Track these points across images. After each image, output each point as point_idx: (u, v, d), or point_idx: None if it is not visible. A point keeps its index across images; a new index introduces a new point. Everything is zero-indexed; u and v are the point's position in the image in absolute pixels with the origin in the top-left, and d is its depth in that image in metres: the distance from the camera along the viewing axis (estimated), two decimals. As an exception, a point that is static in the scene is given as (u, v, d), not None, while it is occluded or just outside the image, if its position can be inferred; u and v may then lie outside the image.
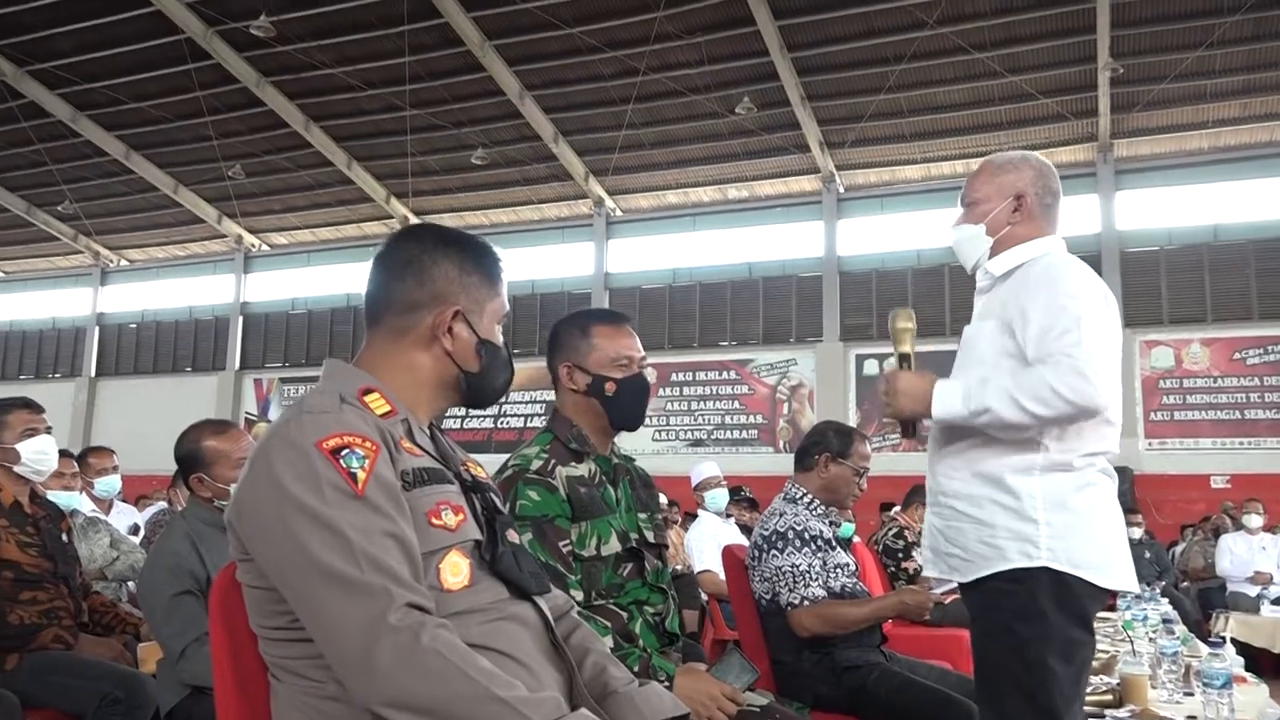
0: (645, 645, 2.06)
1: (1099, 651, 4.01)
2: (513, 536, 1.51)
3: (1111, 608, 4.85)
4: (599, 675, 1.50)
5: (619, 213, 18.17)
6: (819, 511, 3.08)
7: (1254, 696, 2.88)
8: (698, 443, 16.73)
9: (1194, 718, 2.62)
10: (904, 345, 2.22)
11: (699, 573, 6.15)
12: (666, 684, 1.91)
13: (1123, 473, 14.09)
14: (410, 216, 18.50)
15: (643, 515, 2.21)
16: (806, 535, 2.95)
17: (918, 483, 5.95)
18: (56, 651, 2.92)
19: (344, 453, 1.30)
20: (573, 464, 2.13)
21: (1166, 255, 15.03)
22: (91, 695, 2.77)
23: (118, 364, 21.56)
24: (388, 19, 14.42)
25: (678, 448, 16.83)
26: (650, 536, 2.19)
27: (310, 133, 17.03)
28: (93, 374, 21.60)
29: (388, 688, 1.21)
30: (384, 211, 18.75)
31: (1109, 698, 2.81)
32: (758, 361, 16.88)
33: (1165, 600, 5.49)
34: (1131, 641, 3.49)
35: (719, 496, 6.48)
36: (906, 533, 5.54)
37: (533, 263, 18.16)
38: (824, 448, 3.13)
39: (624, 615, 2.07)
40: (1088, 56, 13.74)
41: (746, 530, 6.34)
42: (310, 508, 1.26)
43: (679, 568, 6.35)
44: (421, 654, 1.21)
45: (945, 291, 15.31)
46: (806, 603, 2.85)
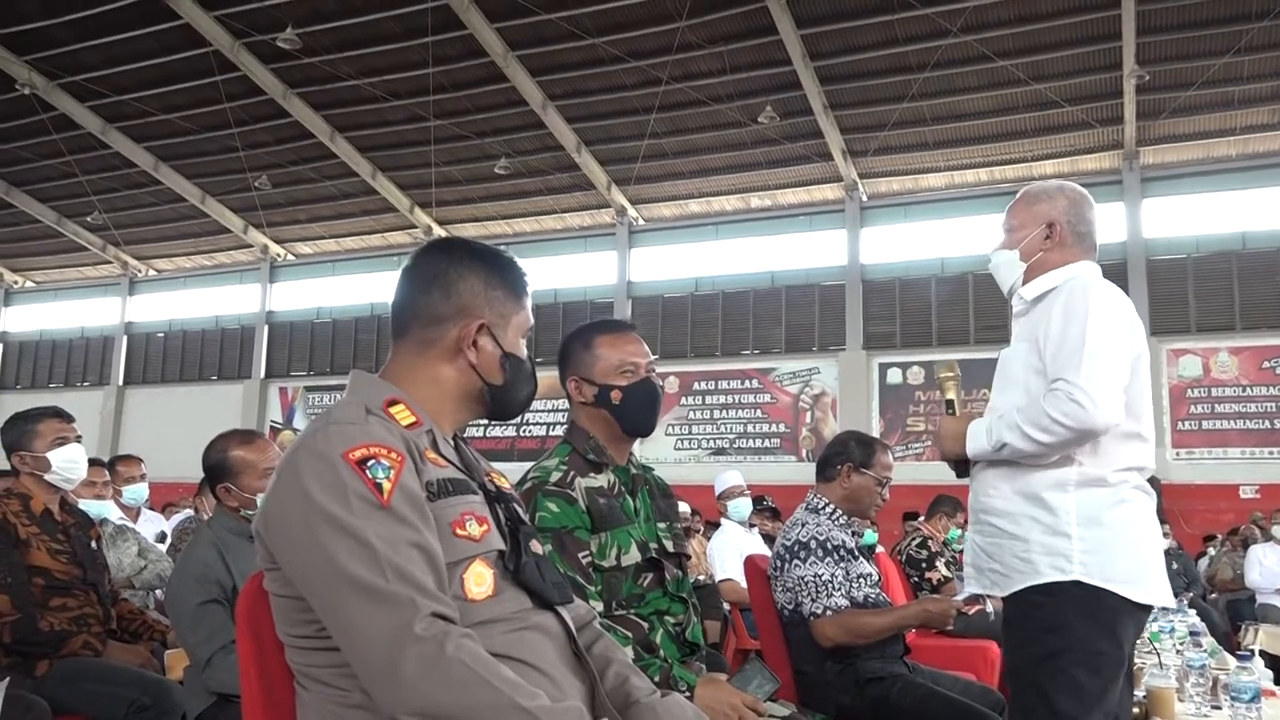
0: (666, 655, 2.06)
1: (1125, 664, 3.98)
2: (536, 547, 1.52)
3: (1138, 620, 4.79)
4: (621, 685, 1.51)
5: (641, 221, 18.21)
6: (841, 521, 3.08)
7: (1283, 710, 2.83)
8: (720, 451, 16.71)
9: (1221, 731, 2.60)
10: (948, 392, 2.38)
11: (720, 581, 6.14)
12: (687, 694, 1.91)
13: (1150, 483, 13.96)
14: (434, 226, 18.62)
15: (662, 525, 2.22)
16: (829, 545, 2.94)
17: (941, 493, 5.94)
18: (86, 658, 2.95)
19: (370, 463, 1.32)
20: (591, 475, 2.14)
21: (1194, 263, 14.90)
22: (120, 701, 2.80)
23: (145, 373, 21.80)
24: (412, 31, 14.55)
25: (700, 456, 16.81)
26: (670, 546, 2.20)
27: (335, 143, 17.18)
28: (121, 382, 21.85)
29: (413, 697, 1.22)
30: (408, 221, 18.88)
31: (1135, 711, 2.77)
32: (780, 370, 16.85)
33: (1193, 612, 5.42)
34: (1158, 654, 3.46)
35: (742, 505, 6.47)
36: (930, 543, 5.50)
37: (555, 272, 18.22)
38: (846, 458, 3.12)
39: (645, 625, 2.07)
40: (1113, 63, 13.65)
41: (769, 540, 6.32)
42: (337, 518, 1.28)
43: (701, 577, 6.33)
44: (446, 663, 1.22)
45: (969, 300, 15.24)
46: (829, 612, 2.84)
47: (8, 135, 17.97)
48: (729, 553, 6.06)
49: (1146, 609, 2.08)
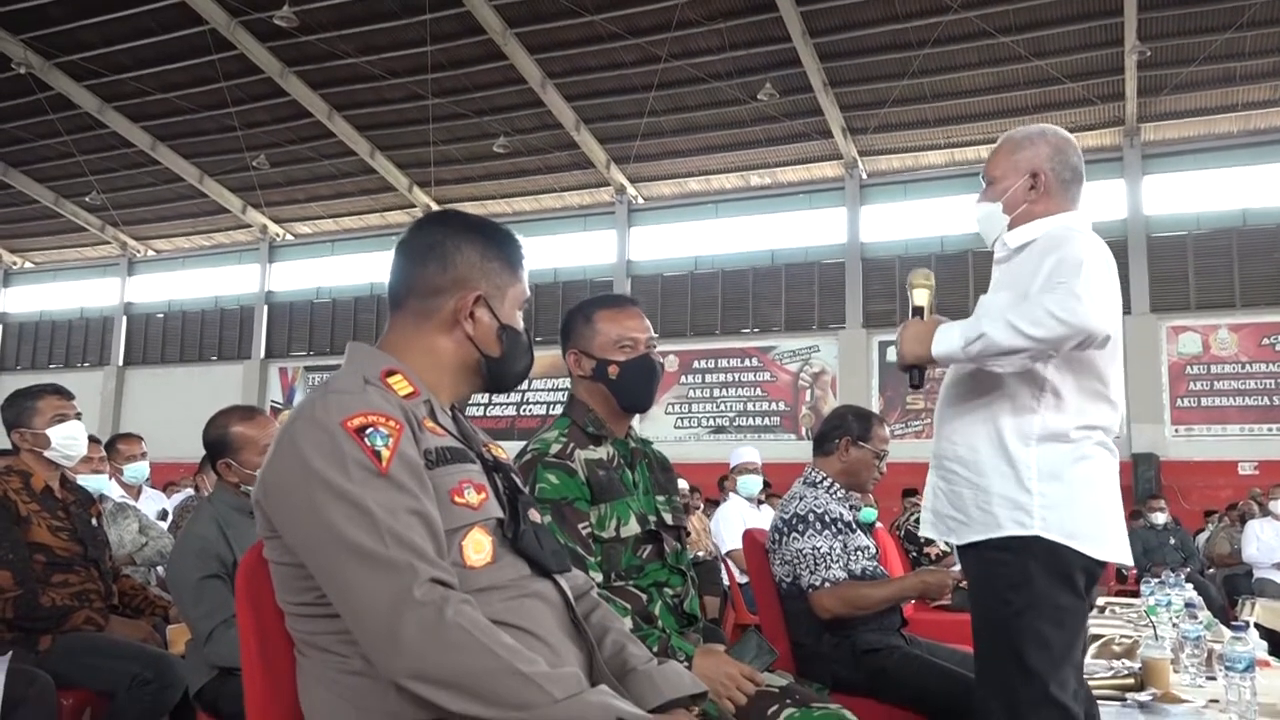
0: (664, 626, 2.08)
1: (1122, 637, 4.01)
2: (534, 515, 1.53)
3: (1135, 593, 4.83)
4: (619, 653, 1.52)
5: (641, 200, 18.17)
6: (839, 495, 3.09)
7: (1277, 680, 2.86)
8: (720, 430, 16.74)
9: (1216, 701, 2.62)
10: (918, 300, 2.20)
11: (727, 553, 6.16)
12: (685, 664, 1.93)
13: (1148, 459, 14.00)
14: (433, 205, 18.59)
15: (661, 498, 2.23)
16: (827, 518, 2.96)
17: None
18: (88, 633, 2.98)
19: (368, 431, 1.32)
20: (591, 447, 2.15)
21: (1194, 240, 14.88)
22: (122, 675, 2.82)
23: (145, 353, 21.81)
24: (410, 8, 14.47)
25: (700, 435, 16.85)
26: (669, 519, 2.21)
27: (333, 122, 17.12)
28: (121, 363, 21.87)
29: (412, 661, 1.23)
30: (407, 200, 18.83)
31: (1130, 681, 2.80)
32: (780, 348, 16.86)
33: (1190, 586, 5.45)
34: (1154, 626, 3.49)
35: (752, 482, 6.49)
36: (929, 518, 5.51)
37: (555, 251, 18.20)
38: (844, 431, 3.13)
39: (643, 597, 2.08)
40: (1114, 40, 13.59)
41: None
42: (336, 485, 1.28)
43: (700, 554, 6.36)
44: (445, 628, 1.23)
45: (969, 277, 15.22)
46: (827, 584, 2.86)
47: (4, 115, 17.91)
48: (734, 525, 6.09)
49: (1101, 565, 2.08)
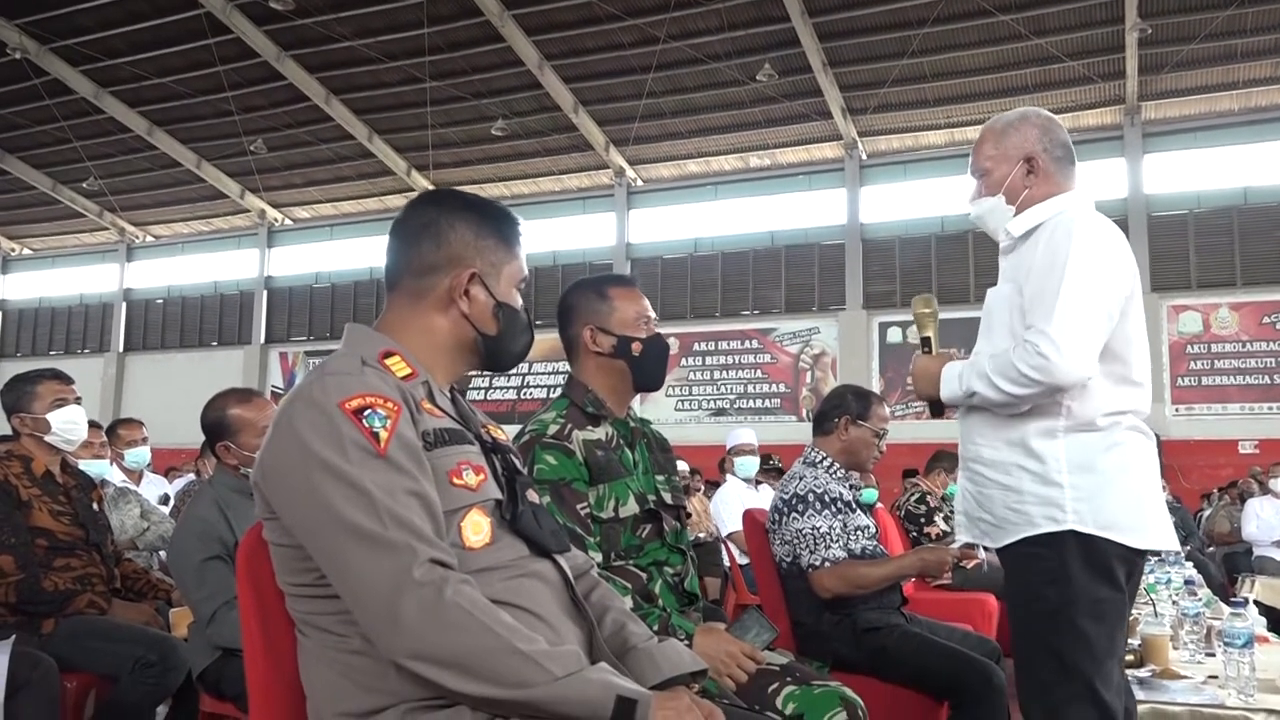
0: (665, 605, 2.08)
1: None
2: (533, 496, 1.53)
3: (1135, 571, 4.84)
4: (619, 631, 1.52)
5: (640, 182, 18.12)
6: (839, 475, 3.10)
7: (1276, 656, 2.87)
8: (720, 412, 16.76)
9: (1215, 677, 2.63)
10: (924, 330, 2.25)
11: (728, 534, 6.18)
12: (686, 643, 1.93)
13: (1148, 438, 14.02)
14: (431, 189, 18.54)
15: (660, 477, 2.23)
16: (827, 498, 2.96)
17: (940, 449, 5.97)
18: (91, 616, 2.98)
19: (366, 413, 1.32)
20: (589, 428, 2.14)
21: (1195, 218, 14.85)
22: (125, 658, 2.83)
23: (145, 339, 21.81)
24: (406, -11, 14.40)
25: (700, 417, 16.86)
26: (668, 498, 2.21)
27: (331, 106, 17.06)
28: (121, 349, 21.87)
29: (412, 641, 1.23)
30: (405, 184, 18.78)
31: (1130, 658, 2.81)
32: (780, 330, 16.85)
33: (1190, 564, 5.46)
34: (1154, 604, 3.50)
35: (749, 464, 6.50)
36: (929, 498, 5.54)
37: (554, 233, 18.17)
38: (843, 411, 3.13)
39: (643, 576, 2.09)
40: (1115, 17, 13.51)
41: (775, 497, 6.35)
42: (334, 466, 1.28)
43: (701, 535, 6.38)
44: (445, 608, 1.24)
45: (969, 258, 15.21)
46: (827, 564, 2.87)
47: (0, 101, 17.84)
48: (733, 507, 6.10)
49: (1143, 553, 2.04)
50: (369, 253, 19.37)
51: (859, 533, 3.02)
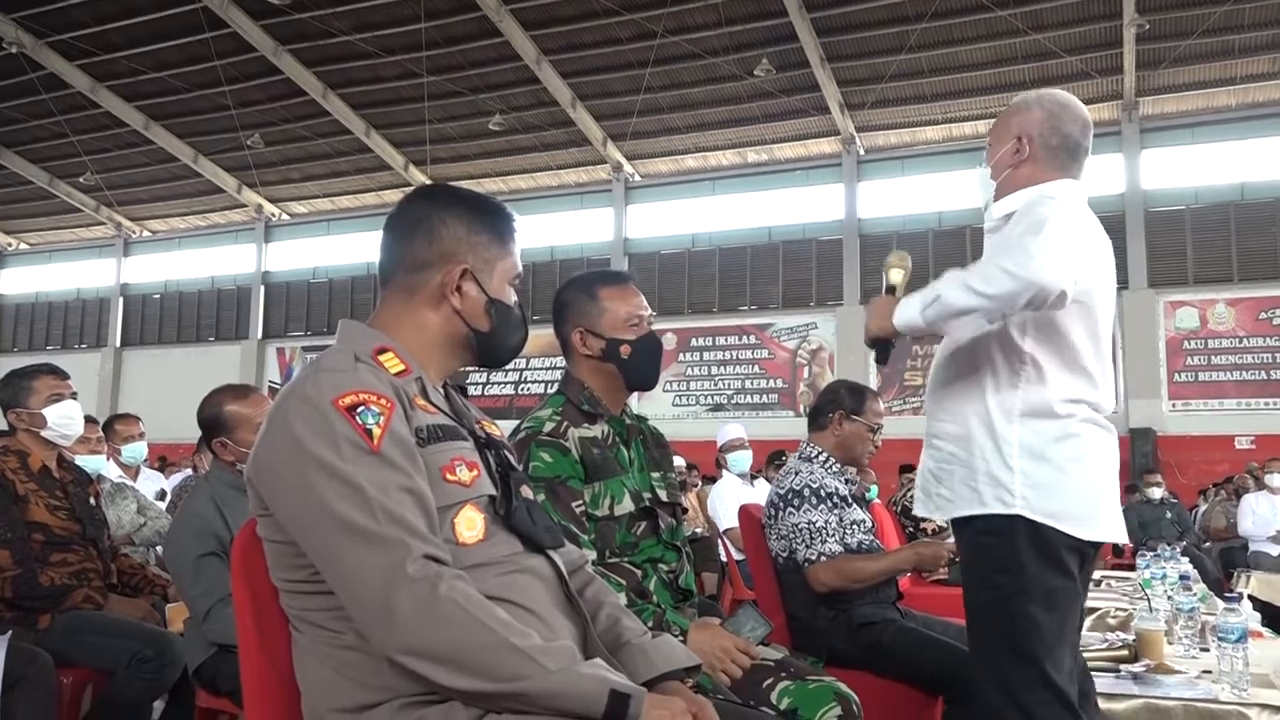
0: (659, 602, 2.09)
1: (1117, 609, 4.03)
2: (527, 492, 1.53)
3: (1131, 566, 4.86)
4: (613, 627, 1.53)
5: (637, 178, 18.11)
6: (835, 469, 3.10)
7: (1270, 651, 2.88)
8: (718, 407, 16.76)
9: (1208, 672, 2.64)
10: (892, 279, 2.22)
11: (725, 531, 6.19)
12: (680, 638, 1.93)
13: (1145, 434, 14.03)
14: (425, 184, 18.53)
15: (656, 474, 2.23)
16: (823, 492, 2.96)
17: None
18: (87, 611, 2.98)
19: (360, 410, 1.32)
20: (585, 425, 2.14)
21: (1192, 214, 14.86)
22: (122, 653, 2.83)
23: (142, 334, 21.80)
24: (403, -16, 14.37)
25: (698, 412, 16.87)
26: (664, 495, 2.21)
27: (328, 101, 17.03)
28: (118, 344, 21.85)
29: (406, 637, 1.24)
30: (402, 180, 18.76)
31: (1124, 653, 2.82)
32: (778, 326, 16.85)
33: (1185, 559, 5.48)
34: (1149, 599, 3.51)
35: (742, 459, 6.50)
36: (925, 494, 5.53)
37: (551, 229, 18.16)
38: (837, 405, 3.13)
39: (638, 573, 2.09)
40: (1113, 13, 13.51)
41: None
42: (328, 463, 1.29)
43: (698, 530, 6.39)
44: (439, 604, 1.24)
45: (967, 253, 15.18)
46: (823, 558, 2.87)
47: (-4, 95, 17.84)
48: (729, 503, 6.10)
49: (1094, 545, 2.05)
50: (366, 248, 19.35)
51: (855, 527, 3.02)
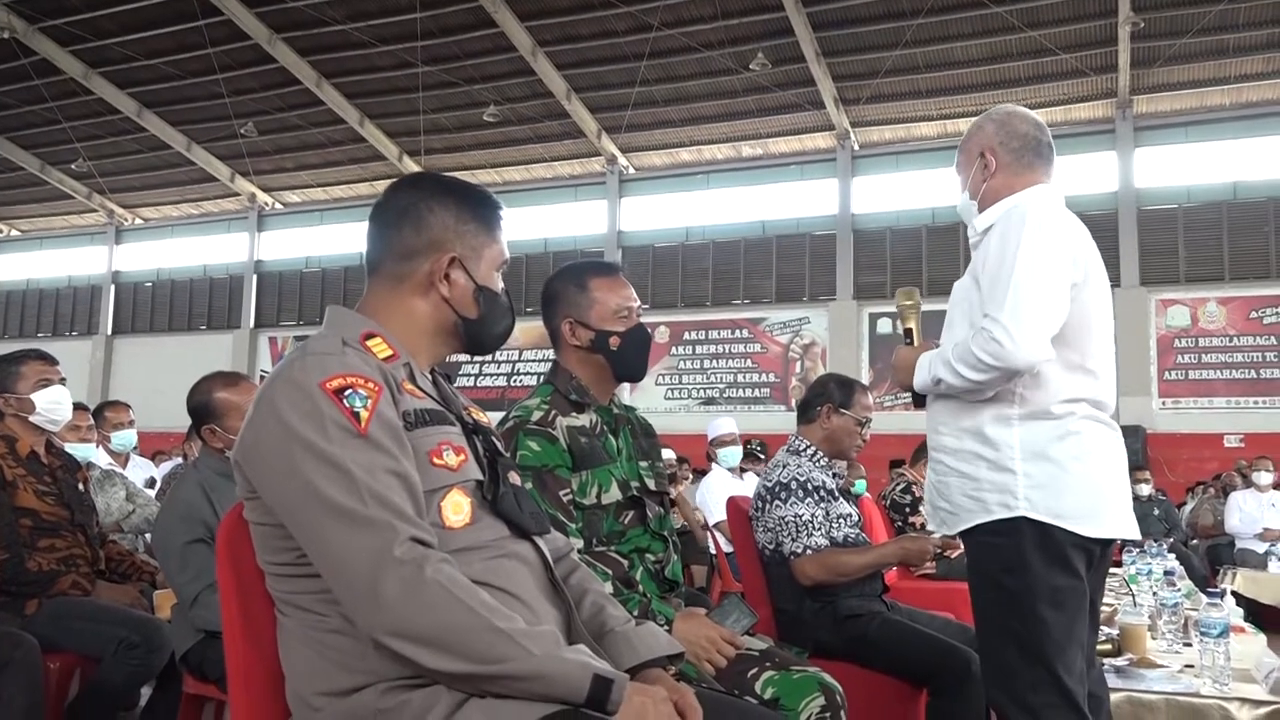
0: (645, 591, 2.10)
1: (1103, 604, 4.05)
2: (514, 478, 1.54)
3: (1118, 562, 4.88)
4: (597, 614, 1.54)
5: (632, 170, 18.10)
6: (822, 463, 3.11)
7: (1251, 646, 2.90)
8: (710, 401, 16.78)
9: (1191, 666, 2.66)
10: (907, 321, 2.35)
11: (715, 524, 6.20)
12: (666, 628, 1.94)
13: (1135, 431, 14.06)
14: (412, 173, 18.47)
15: (644, 464, 2.24)
16: (810, 486, 2.98)
17: (927, 440, 5.99)
18: (75, 597, 2.98)
19: (347, 393, 1.33)
20: (573, 415, 2.15)
21: (1185, 213, 14.89)
22: (109, 639, 2.83)
23: (134, 322, 21.72)
24: (398, -27, 14.32)
25: (690, 406, 16.88)
26: (651, 484, 2.21)
27: (322, 90, 16.97)
28: (109, 332, 21.77)
29: (393, 619, 1.24)
30: (396, 170, 18.71)
31: (1108, 647, 2.84)
32: (770, 320, 16.87)
33: (1172, 556, 5.51)
34: (1134, 594, 3.53)
35: (732, 453, 6.51)
36: (914, 487, 5.57)
37: (545, 221, 18.14)
38: (826, 399, 3.15)
39: (625, 562, 2.09)
40: (1108, 11, 13.52)
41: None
42: (315, 445, 1.29)
43: (681, 524, 6.39)
44: (425, 586, 1.25)
45: (959, 250, 15.22)
46: (809, 551, 2.88)
47: (-12, 80, 17.73)
48: (718, 497, 6.11)
49: (1102, 542, 2.07)
50: (360, 238, 18.38)
51: (841, 520, 3.03)
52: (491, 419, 1.68)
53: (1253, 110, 14.76)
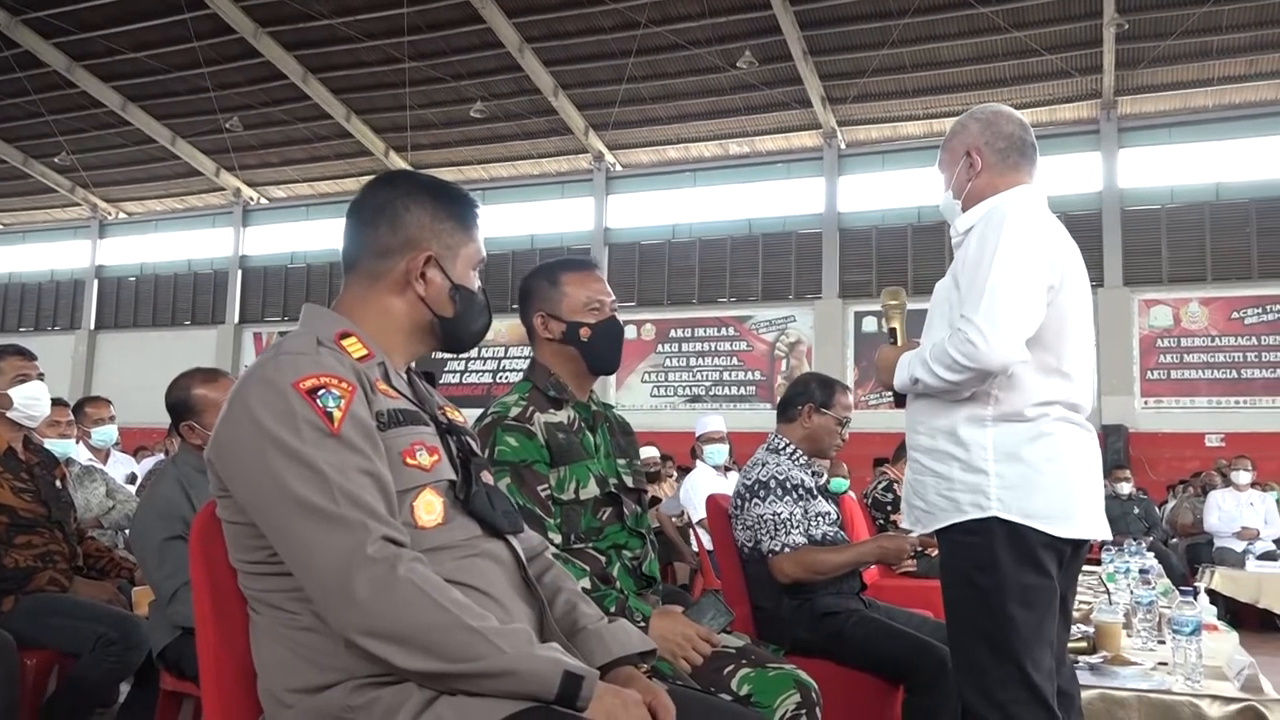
0: (623, 588, 2.10)
1: (1080, 603, 4.08)
2: (487, 478, 1.55)
3: (1096, 560, 4.91)
4: (570, 612, 1.54)
5: (619, 167, 18.09)
6: (801, 461, 3.12)
7: (1223, 644, 2.93)
8: (695, 399, 16.80)
9: (1164, 664, 2.68)
10: (891, 321, 2.36)
11: (697, 522, 6.21)
12: (643, 625, 1.95)
13: (1117, 430, 14.17)
14: (388, 170, 18.40)
15: (621, 461, 2.25)
16: (788, 484, 2.99)
17: (908, 437, 6.02)
18: (52, 594, 2.98)
19: (320, 393, 1.33)
20: (551, 411, 2.16)
21: (1168, 214, 14.98)
22: (87, 636, 2.83)
23: (117, 317, 21.59)
24: (385, -31, 14.27)
25: (675, 404, 16.90)
26: (629, 481, 2.23)
27: (308, 85, 16.90)
28: (92, 327, 21.64)
29: (365, 618, 1.25)
30: (383, 165, 18.65)
31: (1082, 644, 2.86)
32: (756, 318, 16.90)
33: (1151, 554, 5.55)
34: (1109, 592, 3.56)
35: (718, 451, 6.52)
36: (896, 486, 5.59)
37: (532, 217, 18.12)
38: (807, 398, 3.16)
39: (602, 559, 2.10)
40: (1093, 12, 13.59)
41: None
42: (287, 445, 1.29)
43: (657, 524, 6.41)
44: (397, 585, 1.25)
45: (945, 249, 15.25)
46: (787, 549, 2.90)
47: (-30, 73, 17.59)
48: (702, 493, 6.12)
49: (1073, 542, 2.09)
50: None
51: (820, 519, 3.05)
52: (466, 416, 1.69)
53: (1236, 112, 14.86)
